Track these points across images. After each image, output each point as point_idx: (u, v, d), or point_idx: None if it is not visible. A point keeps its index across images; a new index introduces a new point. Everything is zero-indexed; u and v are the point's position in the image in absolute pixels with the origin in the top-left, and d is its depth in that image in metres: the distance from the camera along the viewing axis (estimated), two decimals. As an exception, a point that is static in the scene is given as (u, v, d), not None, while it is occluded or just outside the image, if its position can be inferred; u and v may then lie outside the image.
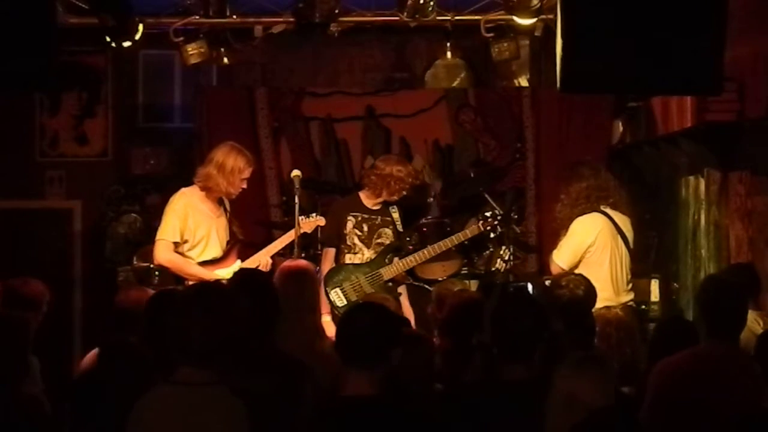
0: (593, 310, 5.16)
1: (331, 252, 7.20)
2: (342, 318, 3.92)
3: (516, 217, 8.12)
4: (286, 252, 6.90)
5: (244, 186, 6.60)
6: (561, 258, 6.56)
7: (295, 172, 6.83)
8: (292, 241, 6.71)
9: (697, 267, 7.33)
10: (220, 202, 6.62)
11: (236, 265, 6.54)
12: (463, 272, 7.57)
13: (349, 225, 7.16)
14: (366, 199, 7.22)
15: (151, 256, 6.65)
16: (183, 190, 6.59)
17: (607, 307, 5.65)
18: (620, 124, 8.63)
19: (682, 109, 7.33)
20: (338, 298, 7.07)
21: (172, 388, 3.48)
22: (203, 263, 6.47)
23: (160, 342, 3.82)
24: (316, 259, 7.09)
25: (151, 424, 3.46)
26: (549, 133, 8.75)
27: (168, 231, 6.42)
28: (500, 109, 8.88)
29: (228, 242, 6.64)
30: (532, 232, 8.62)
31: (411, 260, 7.19)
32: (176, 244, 6.42)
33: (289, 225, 6.92)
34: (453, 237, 7.26)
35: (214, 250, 6.54)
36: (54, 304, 5.70)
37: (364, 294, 6.99)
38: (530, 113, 8.81)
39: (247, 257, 6.72)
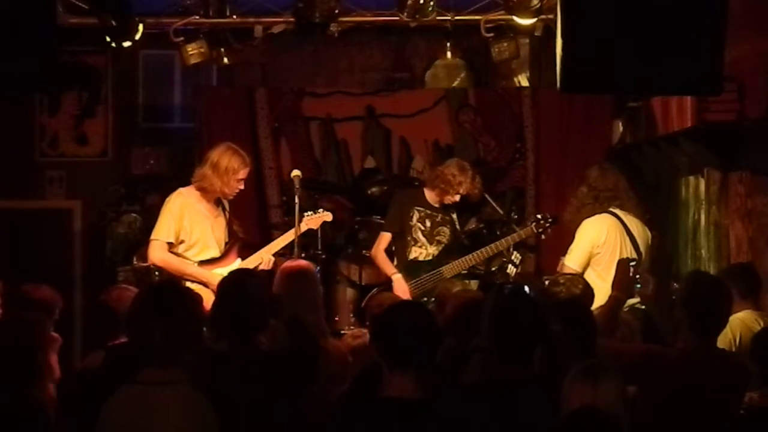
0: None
1: (387, 236, 7.42)
2: (382, 320, 3.87)
3: (516, 217, 8.15)
4: (287, 252, 6.91)
5: (241, 187, 6.59)
6: (572, 260, 6.52)
7: (295, 172, 6.84)
8: (293, 241, 6.71)
9: (697, 267, 7.32)
10: (218, 203, 6.61)
11: (236, 264, 6.54)
12: (463, 272, 7.59)
13: (414, 218, 7.39)
14: (429, 195, 7.42)
15: (149, 256, 6.66)
16: (180, 190, 6.59)
17: None
18: (620, 124, 8.63)
19: (682, 109, 7.32)
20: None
21: (137, 389, 3.52)
22: (202, 263, 6.47)
23: None
24: (316, 259, 7.10)
25: (118, 425, 3.49)
26: (549, 133, 8.75)
27: (162, 231, 6.42)
28: (500, 109, 8.88)
29: (228, 242, 6.63)
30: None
31: (469, 260, 7.38)
32: (171, 245, 6.42)
33: (290, 225, 6.93)
34: (508, 238, 7.45)
35: (212, 250, 6.54)
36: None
37: (426, 291, 7.25)
38: (530, 113, 8.81)
39: (247, 257, 6.72)
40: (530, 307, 4.01)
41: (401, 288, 7.24)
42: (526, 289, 5.84)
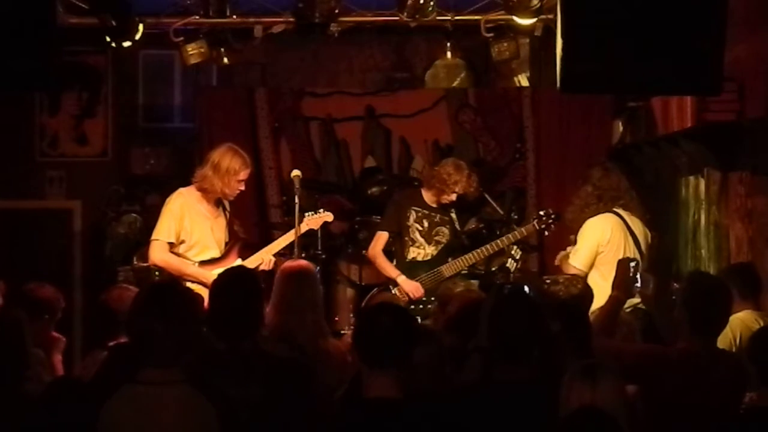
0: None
1: (384, 236, 7.40)
2: (361, 321, 3.90)
3: (516, 217, 8.15)
4: (287, 252, 6.91)
5: (242, 188, 6.59)
6: (577, 260, 6.49)
7: (295, 172, 6.84)
8: (293, 241, 6.71)
9: (697, 267, 7.32)
10: (218, 203, 6.61)
11: (236, 264, 6.53)
12: (463, 272, 7.59)
13: (411, 218, 7.37)
14: (427, 196, 7.39)
15: (150, 256, 6.65)
16: (180, 190, 6.58)
17: None
18: (620, 124, 8.63)
19: (682, 109, 7.33)
20: (402, 295, 7.24)
21: (138, 389, 3.53)
22: (202, 263, 6.46)
23: None
24: (317, 259, 7.10)
25: (118, 425, 3.50)
26: (549, 133, 8.75)
27: (163, 231, 6.42)
28: (500, 109, 8.89)
29: (228, 242, 6.63)
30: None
31: (468, 259, 7.35)
32: (172, 245, 6.41)
33: (290, 225, 6.93)
34: (509, 235, 7.42)
35: (213, 251, 6.53)
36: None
37: (425, 291, 7.24)
38: (530, 113, 8.81)
39: (248, 257, 6.72)
40: (529, 307, 4.01)
41: (409, 286, 7.23)
42: (526, 289, 5.84)
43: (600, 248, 6.47)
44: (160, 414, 3.48)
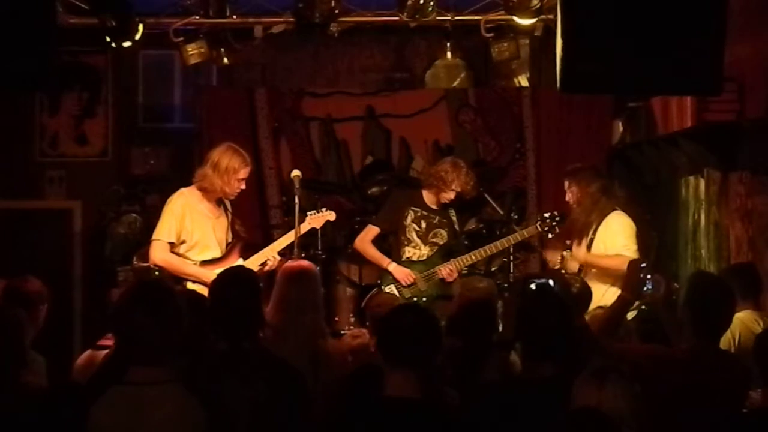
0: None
1: (374, 230, 7.35)
2: (386, 319, 3.89)
3: (516, 217, 8.14)
4: (287, 252, 6.90)
5: (242, 187, 6.58)
6: (631, 249, 6.44)
7: (295, 173, 6.84)
8: (293, 241, 6.71)
9: (697, 267, 7.33)
10: (219, 203, 6.61)
11: (238, 264, 6.53)
12: (463, 272, 7.58)
13: (409, 218, 7.31)
14: (427, 196, 7.34)
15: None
16: (181, 190, 6.58)
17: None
18: (620, 124, 8.64)
19: (682, 109, 7.33)
20: (393, 293, 7.19)
21: (126, 389, 3.51)
22: (204, 263, 6.46)
23: None
24: (316, 259, 7.09)
25: (107, 425, 3.49)
26: (549, 133, 8.75)
27: (164, 231, 6.42)
28: (500, 109, 8.89)
29: (229, 242, 6.62)
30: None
31: (466, 259, 7.29)
32: (173, 245, 6.41)
33: (290, 225, 6.92)
34: (510, 237, 7.37)
35: (214, 251, 6.53)
36: (54, 304, 5.71)
37: (418, 291, 7.16)
38: (530, 113, 8.82)
39: (249, 257, 6.71)
40: (558, 303, 4.00)
41: (400, 273, 7.19)
42: (551, 283, 5.80)
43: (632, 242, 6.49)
44: (147, 414, 3.46)
